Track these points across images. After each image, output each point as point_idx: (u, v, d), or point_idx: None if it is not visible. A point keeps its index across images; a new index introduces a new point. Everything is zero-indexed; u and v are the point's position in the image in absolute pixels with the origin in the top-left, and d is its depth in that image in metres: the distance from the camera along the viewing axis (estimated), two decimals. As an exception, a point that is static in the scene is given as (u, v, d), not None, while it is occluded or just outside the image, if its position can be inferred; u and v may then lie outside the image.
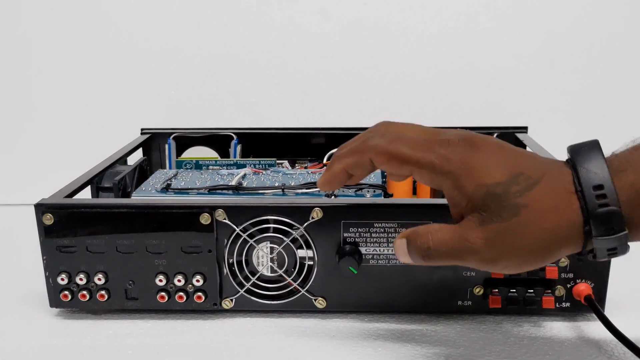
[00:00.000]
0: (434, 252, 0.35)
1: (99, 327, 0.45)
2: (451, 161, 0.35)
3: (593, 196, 0.33)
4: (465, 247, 0.34)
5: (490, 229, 0.33)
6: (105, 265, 0.45)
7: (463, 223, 0.34)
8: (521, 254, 0.34)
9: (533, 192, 0.33)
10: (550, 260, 0.34)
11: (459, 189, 0.35)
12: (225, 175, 0.55)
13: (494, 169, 0.34)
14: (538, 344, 0.42)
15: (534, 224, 0.33)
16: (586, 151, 0.34)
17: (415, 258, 0.36)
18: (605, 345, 0.42)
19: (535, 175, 0.34)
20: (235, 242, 0.44)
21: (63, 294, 0.45)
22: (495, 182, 0.34)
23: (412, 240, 0.36)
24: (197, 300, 0.45)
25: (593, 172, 0.33)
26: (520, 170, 0.34)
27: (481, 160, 0.35)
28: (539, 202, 0.33)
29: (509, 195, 0.33)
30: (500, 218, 0.33)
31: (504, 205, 0.33)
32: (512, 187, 0.34)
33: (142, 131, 0.67)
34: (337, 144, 0.64)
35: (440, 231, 0.35)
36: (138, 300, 0.45)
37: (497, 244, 0.34)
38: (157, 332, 0.44)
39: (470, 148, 0.35)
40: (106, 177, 0.53)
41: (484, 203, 0.34)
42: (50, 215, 0.44)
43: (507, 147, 0.36)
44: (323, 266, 0.44)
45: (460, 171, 0.34)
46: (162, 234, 0.44)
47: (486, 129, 0.65)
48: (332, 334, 0.44)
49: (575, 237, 0.33)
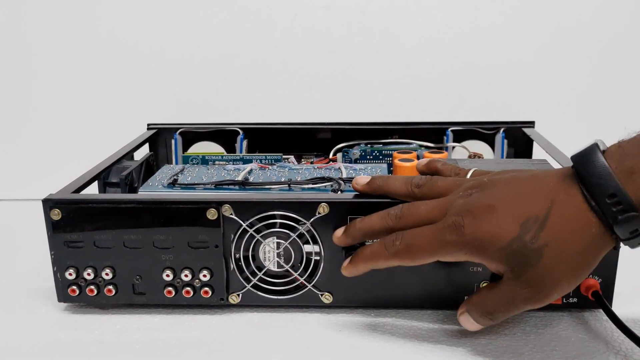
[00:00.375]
0: (495, 312, 0.38)
1: (107, 321, 0.46)
2: (465, 242, 0.36)
3: (609, 206, 0.33)
4: (517, 301, 0.36)
5: (527, 278, 0.35)
6: (113, 261, 0.45)
7: (504, 281, 0.37)
8: (565, 280, 0.35)
9: (546, 229, 0.35)
10: (594, 267, 0.36)
11: (482, 260, 0.37)
12: (231, 170, 0.55)
13: (502, 229, 0.35)
14: (545, 339, 0.42)
15: (563, 255, 0.34)
16: (589, 160, 0.34)
17: (483, 323, 0.39)
18: (613, 341, 0.42)
19: (541, 211, 0.35)
20: (242, 237, 0.44)
21: (71, 289, 0.45)
22: (509, 241, 0.35)
23: (472, 312, 0.39)
24: (204, 295, 0.45)
25: (602, 183, 0.33)
26: (526, 216, 0.35)
27: (489, 226, 0.36)
28: (557, 235, 0.34)
29: (526, 245, 0.35)
30: (530, 267, 0.35)
31: (527, 255, 0.35)
32: (525, 237, 0.35)
33: (149, 126, 0.67)
34: (343, 139, 0.65)
35: (490, 295, 0.38)
36: (145, 295, 0.46)
37: (541, 285, 0.35)
38: (164, 327, 0.45)
39: (474, 219, 0.36)
40: (113, 172, 0.54)
41: (509, 262, 0.35)
42: (58, 211, 0.44)
43: (505, 192, 0.37)
44: (329, 261, 0.45)
45: (475, 247, 0.36)
46: (169, 229, 0.44)
47: (493, 123, 0.65)
48: (338, 329, 0.44)
49: (606, 242, 0.35)
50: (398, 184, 0.42)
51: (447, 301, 0.45)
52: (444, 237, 0.37)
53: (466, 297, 0.41)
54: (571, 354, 0.40)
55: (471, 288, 0.45)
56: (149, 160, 0.60)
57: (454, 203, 0.38)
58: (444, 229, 0.37)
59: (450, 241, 0.37)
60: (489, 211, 0.36)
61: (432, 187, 0.41)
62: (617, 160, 0.34)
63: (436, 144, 0.64)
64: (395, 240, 0.39)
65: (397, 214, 0.40)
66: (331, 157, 0.65)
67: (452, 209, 0.37)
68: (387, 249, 0.39)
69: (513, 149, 0.65)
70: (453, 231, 0.37)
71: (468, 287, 0.45)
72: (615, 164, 0.34)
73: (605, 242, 0.34)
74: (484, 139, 0.65)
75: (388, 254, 0.39)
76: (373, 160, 0.63)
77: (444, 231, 0.37)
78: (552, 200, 0.35)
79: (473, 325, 0.39)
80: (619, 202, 0.33)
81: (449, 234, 0.37)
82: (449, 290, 0.45)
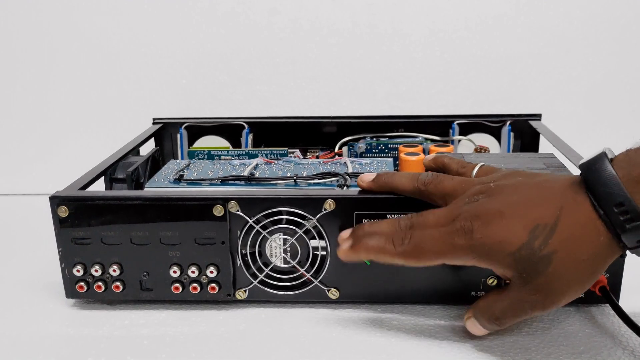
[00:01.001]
0: (503, 318, 0.38)
1: (115, 317, 0.46)
2: (474, 247, 0.36)
3: (617, 215, 0.33)
4: (525, 306, 0.36)
5: (536, 285, 0.35)
6: (120, 257, 0.45)
7: (512, 286, 0.37)
8: (573, 286, 0.35)
9: (555, 236, 0.35)
10: (601, 274, 0.37)
11: (490, 265, 0.37)
12: (237, 165, 0.55)
13: (511, 234, 0.35)
14: (552, 334, 0.42)
15: (571, 262, 0.34)
16: (598, 169, 0.34)
17: (490, 328, 0.39)
18: (620, 336, 0.42)
19: (550, 218, 0.35)
20: (248, 233, 0.45)
21: (79, 285, 0.46)
22: (518, 247, 0.35)
23: (479, 317, 0.39)
24: (210, 291, 0.45)
25: (610, 191, 0.33)
26: (535, 223, 0.35)
27: (497, 231, 0.36)
28: (565, 242, 0.34)
29: (535, 251, 0.35)
30: (538, 273, 0.35)
31: (535, 262, 0.35)
32: (534, 244, 0.35)
33: (154, 121, 0.67)
34: (348, 132, 0.65)
35: (498, 300, 0.38)
36: (153, 291, 0.46)
37: (549, 291, 0.35)
38: (172, 323, 0.45)
39: (483, 224, 0.36)
40: (119, 168, 0.54)
41: (518, 268, 0.35)
42: (65, 208, 0.44)
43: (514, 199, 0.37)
44: (336, 257, 0.44)
45: (483, 252, 0.36)
46: (175, 226, 0.44)
47: (499, 116, 0.65)
48: (345, 324, 0.44)
49: (613, 250, 0.35)
50: (404, 181, 0.42)
51: (454, 296, 0.45)
52: (453, 240, 0.37)
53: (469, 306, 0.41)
54: (578, 349, 0.40)
55: (477, 283, 0.45)
56: (155, 155, 0.60)
57: (461, 209, 0.38)
58: (453, 232, 0.37)
59: (459, 245, 0.37)
60: (498, 217, 0.36)
61: (439, 185, 0.41)
62: (624, 169, 0.34)
63: (442, 137, 0.64)
64: (404, 239, 0.38)
65: (407, 225, 0.39)
66: (337, 150, 0.65)
67: (461, 215, 0.37)
68: (395, 246, 0.39)
69: (519, 141, 0.65)
70: (462, 235, 0.37)
71: (474, 283, 0.45)
72: (622, 172, 0.34)
73: (613, 250, 0.34)
74: (490, 132, 0.65)
75: (395, 252, 0.39)
76: (379, 154, 0.63)
77: (452, 235, 0.37)
78: (561, 207, 0.35)
79: (479, 330, 0.40)
80: (627, 211, 0.33)
81: (458, 237, 0.37)
82: (455, 285, 0.45)
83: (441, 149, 0.58)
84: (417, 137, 0.64)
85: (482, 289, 0.45)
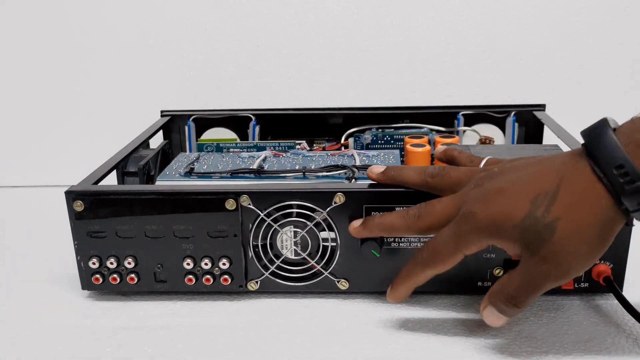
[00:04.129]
0: (518, 296, 0.37)
1: (130, 308, 0.47)
2: (480, 227, 0.37)
3: (617, 177, 0.34)
4: (538, 279, 0.36)
5: (543, 254, 0.35)
6: (135, 250, 0.46)
7: (522, 262, 0.37)
8: (582, 254, 0.35)
9: (557, 203, 0.35)
10: (609, 242, 0.36)
11: (500, 242, 0.37)
12: (246, 158, 0.55)
13: (514, 207, 0.36)
14: (557, 323, 0.43)
15: (575, 228, 0.35)
16: (598, 134, 0.35)
17: (509, 312, 0.38)
18: (624, 325, 0.43)
19: (551, 187, 0.36)
20: (259, 226, 0.45)
21: (94, 278, 0.47)
22: (521, 218, 0.36)
23: (495, 302, 0.38)
24: (223, 282, 0.46)
25: (610, 154, 0.34)
26: (536, 192, 0.36)
27: (500, 207, 0.37)
28: (567, 208, 0.35)
29: (539, 220, 0.35)
30: (544, 241, 0.35)
31: (540, 230, 0.35)
32: (537, 212, 0.35)
33: (162, 113, 0.68)
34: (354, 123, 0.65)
35: (510, 280, 0.38)
36: (167, 283, 0.47)
37: (558, 259, 0.35)
38: (186, 313, 0.46)
39: (485, 204, 0.37)
40: (131, 162, 0.55)
41: (524, 239, 0.36)
42: (81, 202, 0.45)
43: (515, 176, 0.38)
44: (345, 249, 0.46)
45: (491, 230, 0.37)
46: (189, 219, 0.45)
47: (504, 107, 0.65)
48: (355, 314, 0.45)
49: (617, 216, 0.35)
50: (412, 174, 0.43)
51: (462, 286, 0.46)
52: (460, 228, 0.38)
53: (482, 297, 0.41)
54: (583, 337, 0.41)
55: (484, 273, 0.46)
56: (165, 148, 0.61)
57: (467, 195, 0.39)
58: (458, 221, 0.38)
59: (466, 230, 0.38)
60: (499, 194, 0.37)
61: (445, 177, 0.42)
62: (627, 135, 0.34)
63: (447, 128, 0.65)
64: (422, 251, 0.40)
65: (415, 214, 0.41)
66: (343, 142, 0.65)
67: (466, 201, 0.38)
68: (417, 263, 0.40)
69: (524, 132, 0.66)
70: (467, 220, 0.38)
71: (481, 273, 0.46)
72: (625, 137, 0.34)
73: (617, 214, 0.35)
74: (495, 123, 0.66)
75: (422, 267, 0.40)
76: (384, 145, 0.64)
77: (459, 224, 0.38)
78: (562, 176, 0.36)
79: (498, 319, 0.38)
80: (627, 173, 0.33)
81: (464, 224, 0.38)
82: (462, 276, 0.46)
83: (446, 140, 0.59)
84: (422, 127, 0.65)
85: (488, 279, 0.46)
